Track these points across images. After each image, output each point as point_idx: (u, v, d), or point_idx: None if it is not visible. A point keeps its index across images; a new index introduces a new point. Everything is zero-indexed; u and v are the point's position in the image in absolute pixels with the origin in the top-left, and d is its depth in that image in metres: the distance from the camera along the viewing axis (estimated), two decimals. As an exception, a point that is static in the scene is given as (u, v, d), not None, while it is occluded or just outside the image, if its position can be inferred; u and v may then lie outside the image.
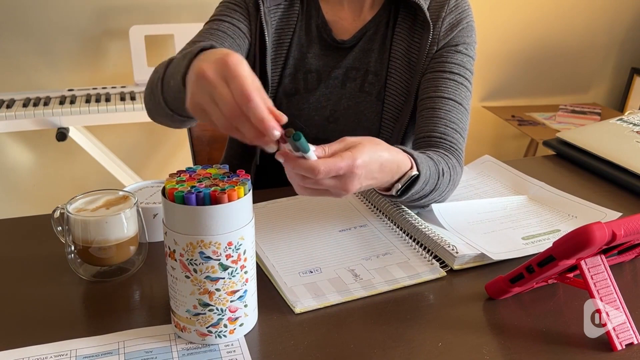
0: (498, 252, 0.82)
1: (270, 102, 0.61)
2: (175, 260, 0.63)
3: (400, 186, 0.80)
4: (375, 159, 0.71)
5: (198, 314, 0.64)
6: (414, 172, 0.80)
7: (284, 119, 0.62)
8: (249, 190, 0.63)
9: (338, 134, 1.09)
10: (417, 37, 1.05)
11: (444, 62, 1.03)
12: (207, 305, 0.64)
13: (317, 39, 1.09)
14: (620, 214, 0.93)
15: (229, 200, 0.60)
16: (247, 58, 1.07)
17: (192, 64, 0.68)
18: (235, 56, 0.62)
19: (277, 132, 0.60)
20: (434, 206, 0.91)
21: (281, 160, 0.66)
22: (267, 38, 1.05)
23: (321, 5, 1.10)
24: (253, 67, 1.06)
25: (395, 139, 1.07)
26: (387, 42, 1.07)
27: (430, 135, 0.98)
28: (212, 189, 0.61)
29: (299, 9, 1.09)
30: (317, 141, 1.10)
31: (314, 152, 0.66)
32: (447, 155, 0.94)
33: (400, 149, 0.81)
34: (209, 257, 0.61)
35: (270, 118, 0.60)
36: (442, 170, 0.88)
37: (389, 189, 0.82)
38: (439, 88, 1.01)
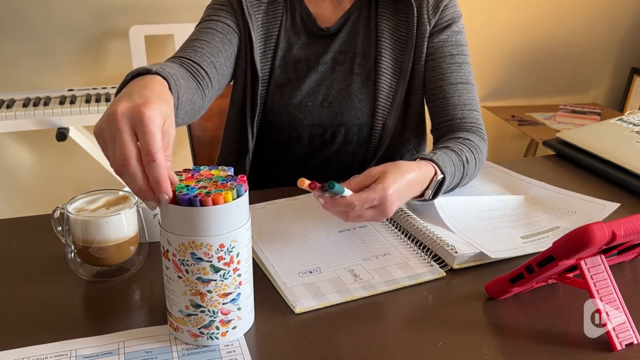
0: (497, 251, 0.82)
1: (170, 164, 0.61)
2: (169, 260, 0.63)
3: (430, 192, 0.88)
4: (403, 182, 0.80)
5: (190, 315, 0.64)
6: (439, 176, 0.88)
7: (176, 183, 0.61)
8: (240, 195, 0.62)
9: (332, 117, 1.12)
10: (403, 15, 1.09)
11: (442, 46, 1.09)
12: (199, 306, 0.64)
13: (303, 30, 1.12)
14: (619, 204, 0.94)
15: (214, 204, 0.60)
16: (239, 52, 1.10)
17: (119, 95, 0.67)
18: (153, 109, 0.61)
19: (167, 197, 0.59)
20: (436, 201, 0.92)
21: (321, 203, 0.77)
22: (252, 31, 1.07)
23: None
24: (244, 61, 1.09)
25: (392, 120, 1.10)
26: (372, 23, 1.11)
27: (449, 121, 1.08)
28: (198, 190, 0.61)
29: (283, 2, 1.12)
30: (313, 127, 1.12)
31: (346, 189, 0.76)
32: (468, 139, 1.01)
33: (421, 157, 0.89)
34: (200, 259, 0.61)
35: (167, 181, 0.59)
36: (466, 158, 0.96)
37: (421, 195, 0.89)
38: (445, 75, 1.08)
